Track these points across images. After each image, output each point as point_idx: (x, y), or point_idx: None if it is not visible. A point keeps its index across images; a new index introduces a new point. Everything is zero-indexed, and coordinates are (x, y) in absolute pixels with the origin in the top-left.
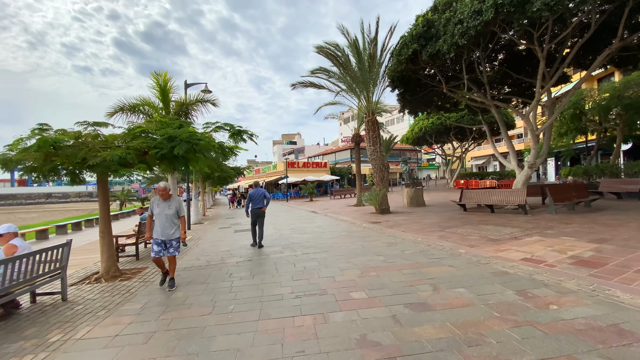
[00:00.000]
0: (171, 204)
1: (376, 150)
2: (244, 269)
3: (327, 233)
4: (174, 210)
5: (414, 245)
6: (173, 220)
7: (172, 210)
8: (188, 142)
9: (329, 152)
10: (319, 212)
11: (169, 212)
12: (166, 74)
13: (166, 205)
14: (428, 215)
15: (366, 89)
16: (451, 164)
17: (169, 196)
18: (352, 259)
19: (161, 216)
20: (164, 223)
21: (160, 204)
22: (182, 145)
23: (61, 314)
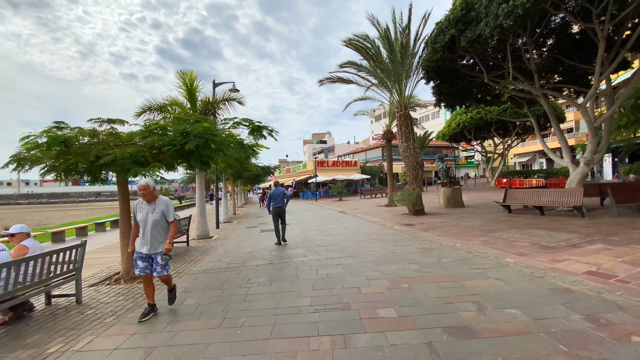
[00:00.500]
0: (156, 207)
1: (409, 146)
2: (263, 274)
3: (354, 235)
4: (160, 214)
5: (453, 252)
6: (161, 227)
7: (157, 214)
8: (201, 137)
9: (359, 150)
10: (348, 212)
11: (155, 216)
12: (192, 72)
13: (150, 209)
14: (468, 217)
15: (398, 82)
16: (492, 162)
17: (154, 197)
18: (381, 266)
19: (146, 223)
20: (150, 231)
21: (144, 208)
22: (195, 140)
23: (70, 319)
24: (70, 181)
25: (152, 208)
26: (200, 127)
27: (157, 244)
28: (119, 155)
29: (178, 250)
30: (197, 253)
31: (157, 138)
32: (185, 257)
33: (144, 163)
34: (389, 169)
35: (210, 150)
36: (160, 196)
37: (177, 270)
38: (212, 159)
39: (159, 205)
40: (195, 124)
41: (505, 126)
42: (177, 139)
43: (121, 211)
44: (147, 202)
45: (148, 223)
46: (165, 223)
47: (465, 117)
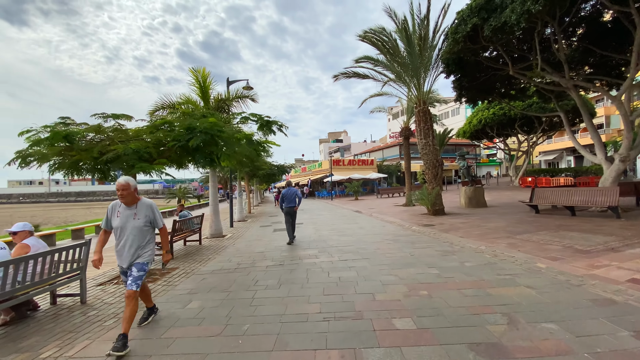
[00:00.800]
0: (138, 211)
1: (428, 143)
2: (273, 276)
3: (370, 236)
4: (144, 220)
5: (477, 256)
6: (145, 236)
7: (140, 220)
8: (207, 133)
9: (376, 149)
10: (364, 211)
11: (137, 223)
12: (204, 69)
13: (130, 214)
14: (491, 217)
15: (416, 76)
16: (516, 160)
17: (135, 199)
18: (397, 270)
19: (124, 231)
20: (131, 241)
21: (122, 212)
22: (200, 136)
23: (71, 321)
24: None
25: (133, 213)
26: (206, 122)
27: (138, 255)
28: (121, 151)
29: (190, 249)
30: (208, 252)
31: (162, 134)
32: (196, 256)
33: (150, 160)
34: (407, 167)
35: (216, 147)
36: (142, 198)
37: (186, 270)
38: (218, 156)
39: (142, 209)
40: (201, 119)
41: (530, 122)
42: (182, 135)
43: None
44: (126, 206)
45: (127, 231)
46: (150, 231)
47: (487, 113)
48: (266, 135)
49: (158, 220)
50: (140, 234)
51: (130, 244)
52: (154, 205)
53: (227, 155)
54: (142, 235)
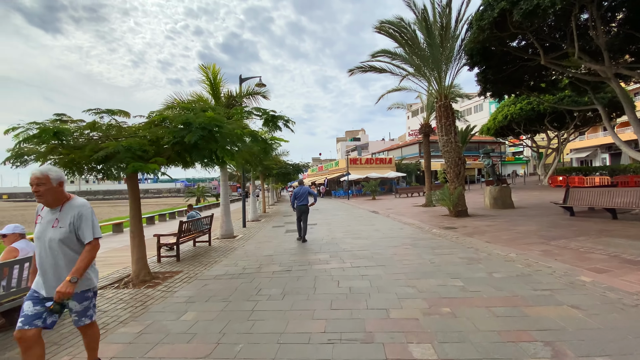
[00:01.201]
0: (62, 216)
1: (450, 140)
2: (278, 284)
3: (386, 240)
4: (67, 229)
5: (507, 265)
6: (70, 251)
7: (62, 229)
8: (204, 128)
9: (394, 147)
10: (381, 212)
11: (57, 233)
12: (214, 65)
13: (51, 219)
14: (520, 220)
15: (437, 69)
16: (545, 158)
17: (60, 198)
18: (416, 280)
19: (43, 242)
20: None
21: (44, 216)
22: (196, 132)
23: (59, 330)
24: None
25: (55, 218)
26: (204, 116)
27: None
28: (111, 149)
29: (199, 250)
30: (216, 254)
31: (159, 130)
32: (202, 258)
33: (146, 158)
34: (427, 166)
35: (215, 144)
36: (73, 198)
37: (189, 274)
38: (216, 153)
39: (68, 213)
40: (198, 114)
41: (561, 117)
42: (178, 131)
43: (131, 209)
44: (48, 208)
45: (46, 243)
46: (77, 244)
47: (513, 108)
48: (272, 131)
49: (85, 230)
50: (64, 247)
51: (50, 262)
52: (86, 208)
53: (228, 153)
54: (66, 250)
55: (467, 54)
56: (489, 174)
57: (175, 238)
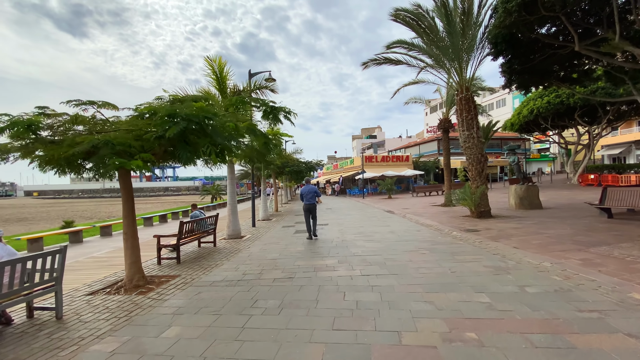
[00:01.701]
0: None
1: (472, 135)
2: (277, 294)
3: (401, 243)
4: None
5: (540, 277)
6: None
7: None
8: (190, 120)
9: (411, 144)
10: (396, 212)
11: None
12: (220, 58)
13: None
14: (550, 222)
15: (458, 60)
16: (574, 154)
17: None
18: (434, 294)
19: None
20: None
21: None
22: (180, 124)
23: (31, 344)
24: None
25: None
26: (191, 107)
27: None
28: (86, 144)
29: (203, 251)
30: (219, 256)
31: (140, 123)
32: (204, 261)
33: (131, 154)
34: (446, 163)
35: (205, 138)
36: None
37: (186, 279)
38: (204, 148)
39: None
40: (187, 103)
41: (592, 111)
42: (161, 123)
43: (124, 209)
44: None
45: None
46: None
47: (540, 102)
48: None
49: None
50: None
51: None
52: None
53: (227, 148)
54: None
55: (490, 42)
56: (514, 172)
57: (176, 239)
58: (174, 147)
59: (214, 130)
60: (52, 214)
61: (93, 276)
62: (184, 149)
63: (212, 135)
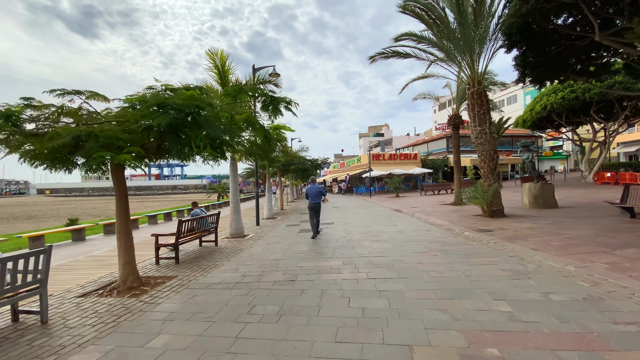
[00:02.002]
0: None
1: (484, 131)
2: (276, 299)
3: (410, 244)
4: None
5: (565, 282)
6: None
7: None
8: (180, 110)
9: (420, 142)
10: (404, 211)
11: None
12: (222, 52)
13: None
14: (568, 222)
15: (469, 52)
16: (590, 152)
17: None
18: (448, 301)
19: None
20: None
21: None
22: (168, 115)
23: (10, 351)
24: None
25: None
26: (182, 96)
27: None
28: (66, 136)
29: (204, 250)
30: (219, 256)
31: (132, 114)
32: (203, 261)
33: (120, 148)
34: (456, 161)
35: (198, 130)
36: None
37: (182, 280)
38: (195, 141)
39: None
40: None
41: (608, 107)
42: (149, 114)
43: (117, 207)
44: None
45: None
46: None
47: (554, 97)
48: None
49: None
50: None
51: None
52: None
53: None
54: None
55: (504, 33)
56: (529, 170)
57: (170, 239)
58: (162, 139)
59: (207, 122)
60: (62, 212)
61: (89, 276)
62: (174, 142)
63: (205, 127)
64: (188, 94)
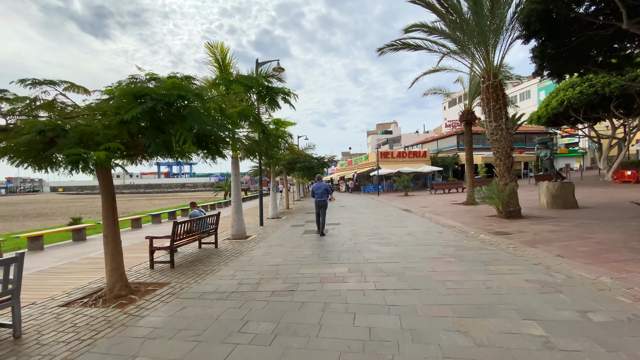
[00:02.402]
0: None
1: (500, 127)
2: (272, 314)
3: (421, 248)
4: None
5: (603, 297)
6: None
7: None
8: (160, 100)
9: (429, 139)
10: (414, 210)
11: None
12: (223, 44)
13: None
14: (593, 224)
15: (484, 43)
16: (608, 149)
17: None
18: (468, 320)
19: None
20: None
21: None
22: (145, 104)
23: None
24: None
25: None
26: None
27: None
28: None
29: (203, 253)
30: (217, 260)
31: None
32: (200, 265)
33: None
34: (469, 158)
35: (183, 124)
36: None
37: (175, 288)
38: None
39: None
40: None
41: (629, 102)
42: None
43: (104, 209)
44: None
45: None
46: None
47: (571, 92)
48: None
49: None
50: None
51: None
52: None
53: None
54: None
55: (522, 22)
56: (547, 167)
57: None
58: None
59: (191, 114)
60: (72, 210)
61: (79, 281)
62: (152, 137)
63: (189, 119)
64: (169, 81)
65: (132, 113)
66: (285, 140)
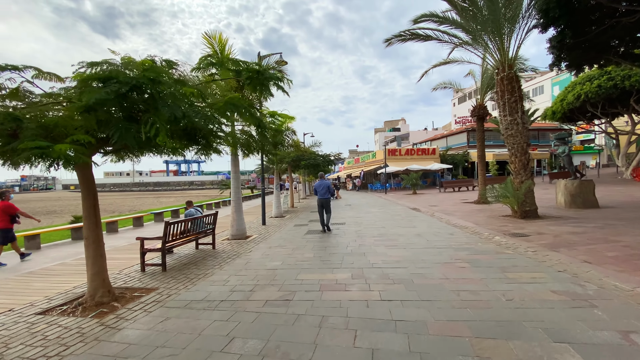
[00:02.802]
0: None
1: (515, 121)
2: (262, 329)
3: (431, 251)
4: None
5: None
6: None
7: None
8: (127, 83)
9: (438, 136)
10: (423, 210)
11: None
12: (221, 35)
13: None
14: (619, 226)
15: (499, 33)
16: (627, 146)
17: None
18: (489, 341)
19: None
20: None
21: None
22: (109, 87)
23: None
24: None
25: None
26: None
27: None
28: None
29: (198, 255)
30: (213, 262)
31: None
32: (193, 268)
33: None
34: (481, 155)
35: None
36: None
37: (162, 294)
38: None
39: None
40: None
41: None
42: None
43: (84, 209)
44: None
45: None
46: None
47: (589, 86)
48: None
49: None
50: None
51: None
52: None
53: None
54: None
55: (540, 9)
56: (565, 164)
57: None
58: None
59: (162, 99)
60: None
61: (65, 284)
62: (117, 126)
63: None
64: (139, 62)
65: (90, 97)
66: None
